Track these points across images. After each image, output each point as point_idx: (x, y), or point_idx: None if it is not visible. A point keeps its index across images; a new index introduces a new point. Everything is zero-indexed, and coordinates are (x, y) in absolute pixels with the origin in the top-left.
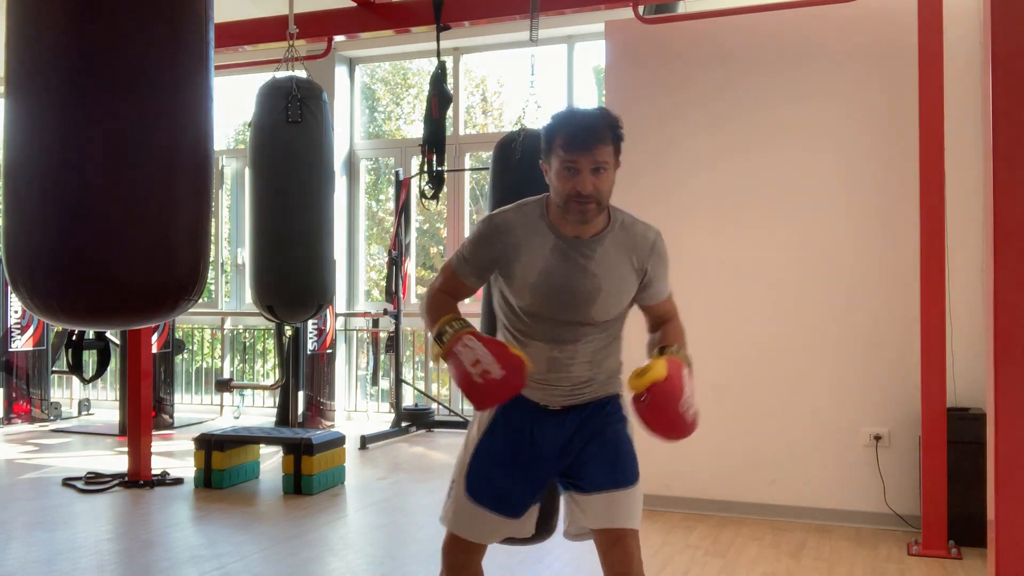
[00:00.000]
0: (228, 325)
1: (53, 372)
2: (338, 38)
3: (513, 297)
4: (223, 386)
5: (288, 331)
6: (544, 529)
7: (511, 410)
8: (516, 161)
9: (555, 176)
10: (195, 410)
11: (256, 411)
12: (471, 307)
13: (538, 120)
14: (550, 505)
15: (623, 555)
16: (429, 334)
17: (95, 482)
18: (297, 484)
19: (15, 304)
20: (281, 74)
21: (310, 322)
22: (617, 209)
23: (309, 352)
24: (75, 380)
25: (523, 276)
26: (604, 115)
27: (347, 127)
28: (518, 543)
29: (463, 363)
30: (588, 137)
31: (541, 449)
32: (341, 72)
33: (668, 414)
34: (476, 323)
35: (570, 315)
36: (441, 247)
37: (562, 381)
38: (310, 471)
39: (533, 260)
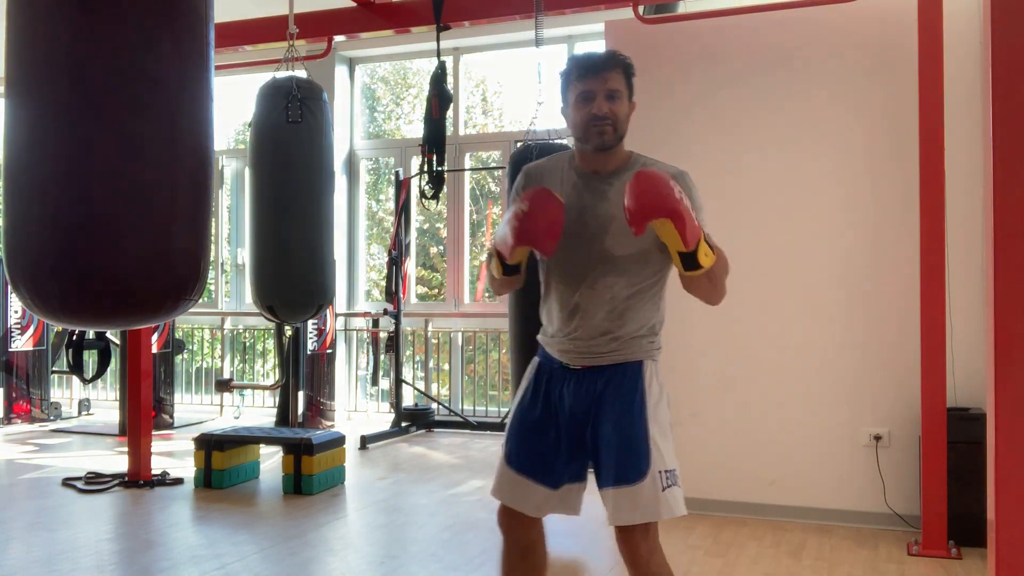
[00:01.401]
0: (228, 325)
1: (53, 372)
2: (338, 38)
3: None
4: (223, 386)
5: (288, 331)
6: None
7: (540, 376)
8: None
9: (572, 109)
10: (195, 410)
11: (256, 411)
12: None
13: (543, 120)
14: None
15: (626, 544)
16: (491, 267)
17: (95, 482)
18: (297, 484)
19: (15, 304)
20: (281, 74)
21: (310, 322)
22: (640, 154)
23: (309, 352)
24: (75, 380)
25: None
26: (613, 52)
27: (347, 127)
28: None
29: (503, 232)
30: (599, 65)
31: (565, 411)
32: (341, 72)
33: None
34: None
35: (588, 248)
36: (441, 247)
37: (581, 331)
38: (310, 471)
39: (559, 193)
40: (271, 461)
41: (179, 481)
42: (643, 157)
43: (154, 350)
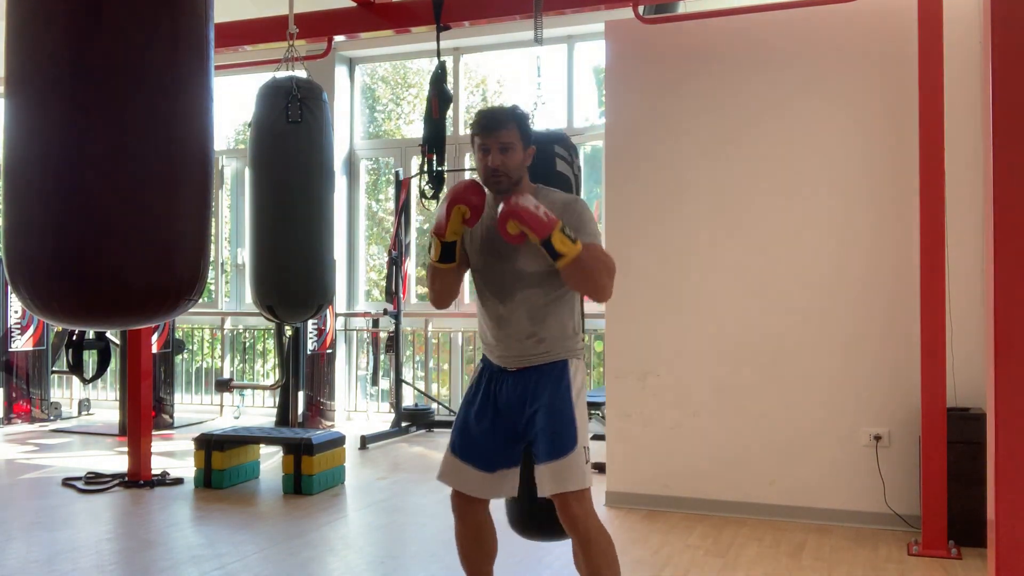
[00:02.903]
0: (228, 325)
1: (53, 372)
2: (338, 38)
3: (472, 260)
4: (223, 386)
5: (288, 331)
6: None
7: (483, 374)
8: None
9: (477, 162)
10: (195, 410)
11: (256, 411)
12: (471, 308)
13: (542, 118)
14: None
15: (563, 507)
16: (431, 254)
17: (95, 482)
18: (297, 484)
19: (15, 304)
20: (281, 74)
21: (310, 322)
22: (545, 187)
23: (309, 352)
24: (75, 380)
25: (472, 241)
26: (509, 109)
27: (347, 127)
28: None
29: (436, 217)
30: (493, 124)
31: (502, 406)
32: (341, 72)
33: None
34: (474, 324)
35: (503, 267)
36: None
37: (510, 336)
38: (310, 471)
39: (478, 228)
40: (271, 461)
41: (179, 481)
42: (547, 189)
43: (154, 350)
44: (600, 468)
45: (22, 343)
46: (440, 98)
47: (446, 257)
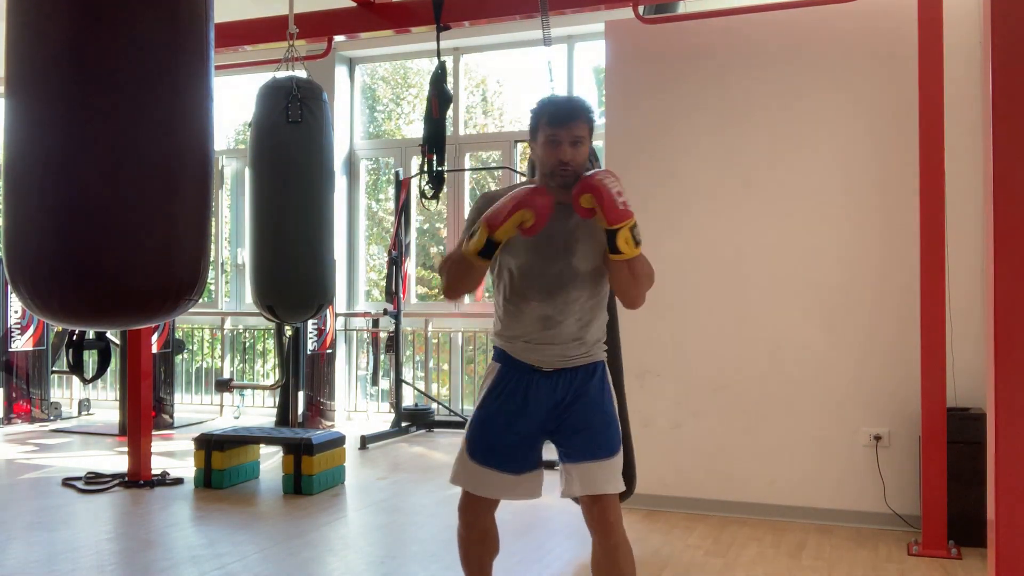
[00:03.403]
0: (228, 325)
1: (53, 372)
2: (338, 38)
3: (511, 258)
4: (223, 386)
5: (288, 331)
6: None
7: (508, 375)
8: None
9: (541, 148)
10: (195, 410)
11: (256, 411)
12: (471, 308)
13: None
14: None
15: (602, 511)
16: (470, 243)
17: (95, 482)
18: (297, 484)
19: (15, 304)
20: (281, 74)
21: (310, 322)
22: None
23: (309, 352)
24: (75, 380)
25: (519, 238)
26: (580, 102)
27: (347, 127)
28: None
29: (497, 209)
30: (567, 115)
31: (533, 408)
32: (341, 72)
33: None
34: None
35: (558, 265)
36: (441, 247)
37: (555, 338)
38: (310, 471)
39: None
40: (271, 461)
41: (179, 481)
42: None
43: (154, 350)
44: None
45: (22, 343)
46: (440, 98)
47: (486, 253)
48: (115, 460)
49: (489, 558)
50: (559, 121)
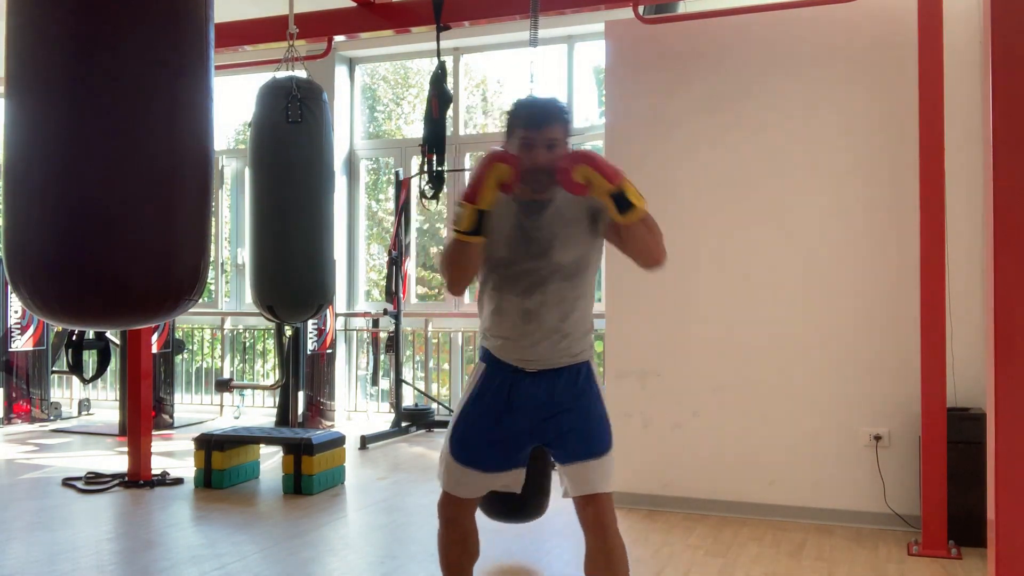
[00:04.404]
0: (228, 325)
1: (53, 372)
2: (338, 38)
3: (490, 255)
4: (223, 386)
5: (288, 331)
6: (537, 507)
7: (492, 377)
8: None
9: (515, 151)
10: (195, 410)
11: (256, 411)
12: (471, 308)
13: None
14: (542, 484)
15: (596, 511)
16: (458, 222)
17: (95, 482)
18: (297, 484)
19: (15, 304)
20: (281, 74)
21: (310, 322)
22: None
23: (309, 352)
24: (75, 380)
25: (498, 231)
26: (555, 104)
27: (347, 127)
28: (512, 518)
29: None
30: (541, 119)
31: (517, 410)
32: (341, 72)
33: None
34: (474, 324)
35: (537, 262)
36: (441, 247)
37: (536, 332)
38: (310, 471)
39: (502, 221)
40: (271, 461)
41: (179, 481)
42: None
43: (154, 350)
44: None
45: (22, 343)
46: (440, 98)
47: (478, 229)
48: (115, 460)
49: (469, 561)
50: (534, 124)
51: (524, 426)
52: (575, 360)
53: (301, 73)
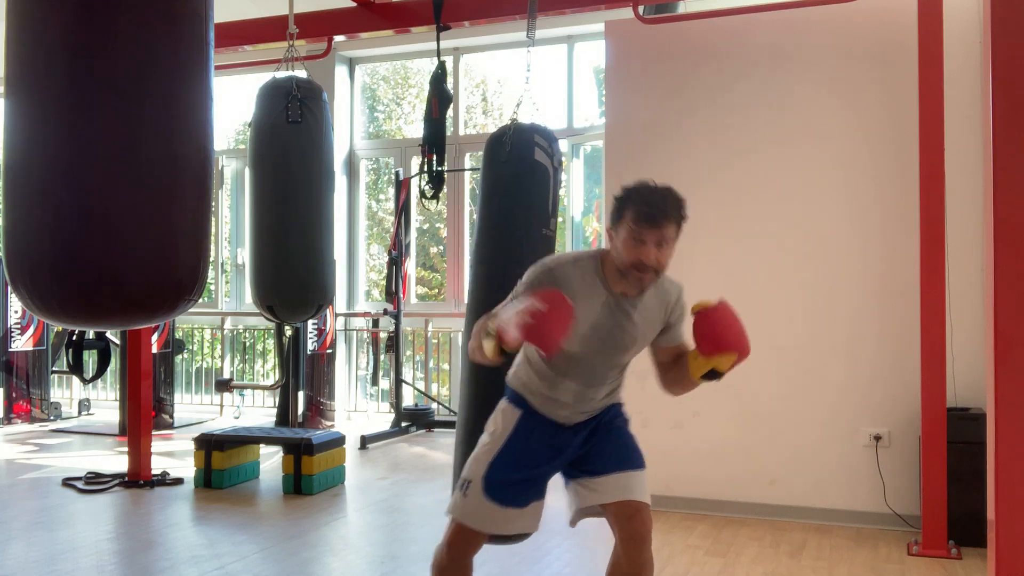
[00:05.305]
0: (228, 325)
1: (53, 372)
2: (338, 38)
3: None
4: (223, 386)
5: (288, 331)
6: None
7: (531, 422)
8: (506, 154)
9: (622, 244)
10: (195, 410)
11: (256, 411)
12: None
13: (531, 117)
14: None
15: (641, 523)
16: (484, 344)
17: (95, 482)
18: (297, 484)
19: (15, 304)
20: (281, 74)
21: (310, 322)
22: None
23: (309, 352)
24: (75, 380)
25: (576, 325)
26: (674, 202)
27: (347, 127)
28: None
29: (512, 319)
30: (658, 217)
31: (557, 455)
32: (341, 72)
33: (726, 320)
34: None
35: (608, 360)
36: (441, 247)
37: (584, 406)
38: (310, 471)
39: (586, 313)
40: (271, 461)
41: (179, 481)
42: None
43: (154, 350)
44: None
45: (22, 343)
46: (440, 98)
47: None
48: (115, 460)
49: None
50: (649, 221)
51: (557, 465)
52: (610, 402)
53: (301, 73)
